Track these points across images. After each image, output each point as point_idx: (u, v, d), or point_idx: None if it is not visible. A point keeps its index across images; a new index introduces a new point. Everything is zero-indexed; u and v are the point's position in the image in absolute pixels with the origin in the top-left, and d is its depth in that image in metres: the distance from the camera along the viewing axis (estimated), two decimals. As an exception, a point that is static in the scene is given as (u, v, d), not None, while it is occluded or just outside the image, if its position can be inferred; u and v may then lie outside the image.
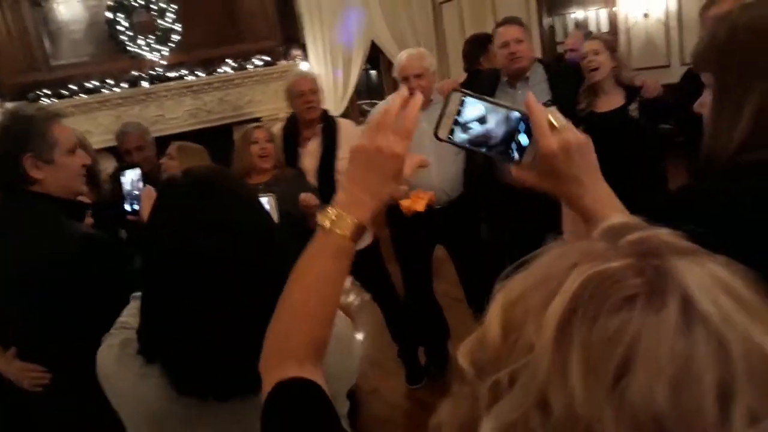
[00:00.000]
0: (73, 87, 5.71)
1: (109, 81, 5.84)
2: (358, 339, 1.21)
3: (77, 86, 5.73)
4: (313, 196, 2.73)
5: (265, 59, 6.52)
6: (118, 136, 3.37)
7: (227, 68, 6.35)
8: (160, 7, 6.21)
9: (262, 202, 1.92)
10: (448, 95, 0.81)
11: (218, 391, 1.02)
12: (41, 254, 1.60)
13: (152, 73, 6.05)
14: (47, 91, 5.58)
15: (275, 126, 3.40)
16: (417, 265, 3.34)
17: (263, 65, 6.50)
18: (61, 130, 1.73)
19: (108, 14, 6.03)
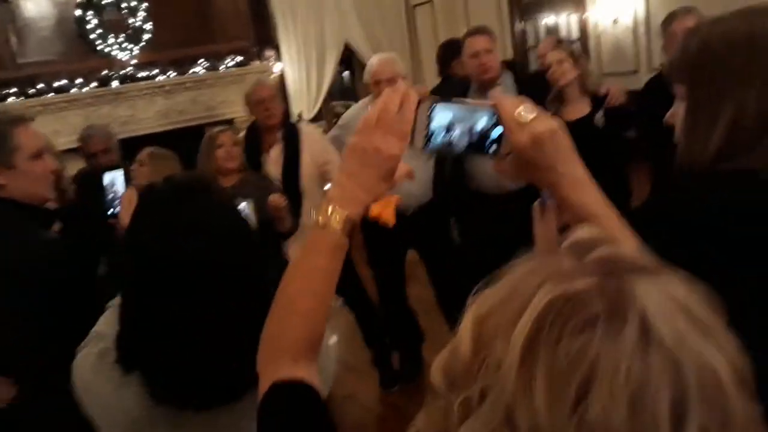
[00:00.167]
0: (41, 86, 5.60)
1: (79, 80, 5.75)
2: (333, 343, 1.22)
3: (45, 85, 5.62)
4: (281, 197, 2.73)
5: (238, 60, 6.48)
6: (83, 139, 3.33)
7: (200, 68, 6.30)
8: (131, 6, 6.13)
9: (241, 207, 1.93)
10: (417, 107, 0.81)
11: (200, 399, 1.02)
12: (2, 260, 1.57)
13: (123, 72, 5.97)
14: (14, 89, 5.46)
15: (242, 132, 3.37)
16: (389, 270, 3.35)
17: (236, 66, 6.46)
18: (26, 135, 1.69)
19: (77, 12, 5.93)
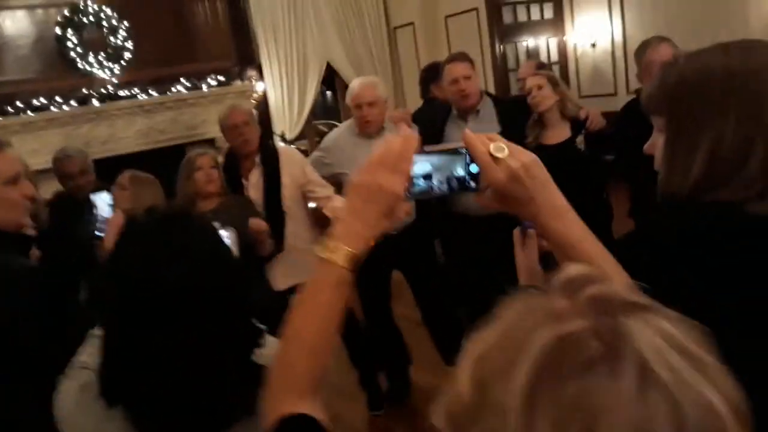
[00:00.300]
0: (19, 104, 5.55)
1: (58, 99, 5.70)
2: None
3: (24, 103, 5.57)
4: (262, 222, 2.71)
5: (219, 79, 6.47)
6: (60, 161, 3.28)
7: (181, 87, 6.28)
8: (112, 25, 6.11)
9: (223, 235, 1.91)
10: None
11: (187, 430, 1.01)
12: None
13: (103, 91, 5.93)
14: (-8, 108, 5.41)
15: (221, 154, 3.35)
16: (375, 290, 3.35)
17: (217, 85, 6.45)
18: (2, 160, 1.64)
19: (57, 30, 5.90)
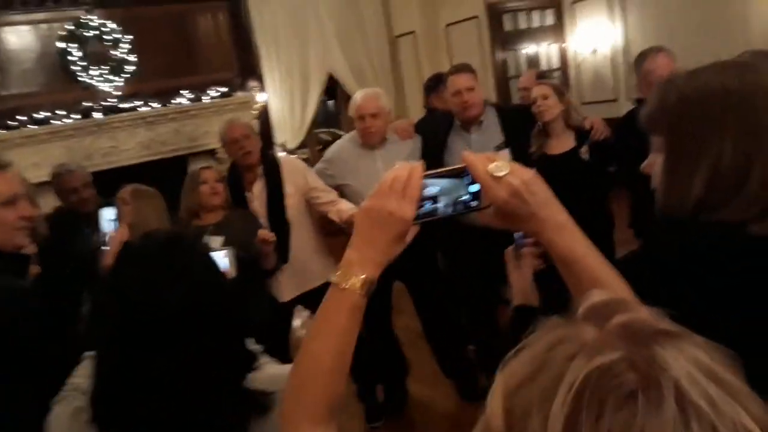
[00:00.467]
0: (22, 118, 5.58)
1: (60, 112, 5.73)
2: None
3: (27, 117, 5.60)
4: (270, 233, 2.71)
5: (221, 90, 6.50)
6: (61, 176, 3.29)
7: (183, 99, 6.31)
8: (114, 38, 6.14)
9: (220, 255, 1.92)
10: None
11: None
12: None
13: (105, 104, 5.96)
14: (-5, 121, 5.43)
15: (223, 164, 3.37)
16: (375, 301, 3.32)
17: (220, 96, 6.48)
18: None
19: (60, 44, 5.94)
